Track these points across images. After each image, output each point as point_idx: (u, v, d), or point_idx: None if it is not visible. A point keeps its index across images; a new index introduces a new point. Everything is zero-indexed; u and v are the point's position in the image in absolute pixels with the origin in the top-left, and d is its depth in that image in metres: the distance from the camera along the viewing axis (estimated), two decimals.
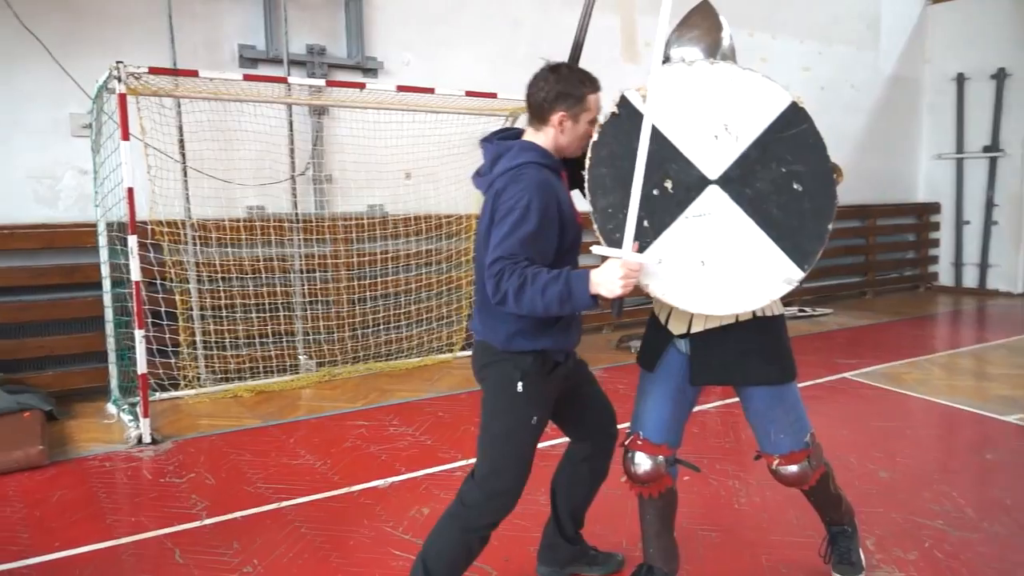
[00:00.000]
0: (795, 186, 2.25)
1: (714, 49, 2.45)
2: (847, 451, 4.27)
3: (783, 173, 2.25)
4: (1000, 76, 10.40)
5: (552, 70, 2.37)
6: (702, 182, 2.27)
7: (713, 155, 2.27)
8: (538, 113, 2.38)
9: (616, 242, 2.23)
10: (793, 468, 2.56)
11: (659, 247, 2.27)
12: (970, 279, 10.93)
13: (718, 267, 2.27)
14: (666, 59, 2.51)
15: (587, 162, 2.31)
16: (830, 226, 2.26)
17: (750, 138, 2.25)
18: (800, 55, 9.86)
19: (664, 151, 2.27)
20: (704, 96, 2.27)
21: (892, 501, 3.63)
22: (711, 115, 2.27)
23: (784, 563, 3.05)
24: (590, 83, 2.38)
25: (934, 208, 11.25)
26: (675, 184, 2.27)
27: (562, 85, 2.33)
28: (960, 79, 10.83)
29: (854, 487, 3.77)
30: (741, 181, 2.26)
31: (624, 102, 2.29)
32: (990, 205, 10.60)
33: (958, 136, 10.92)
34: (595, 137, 2.31)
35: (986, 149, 10.62)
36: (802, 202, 2.25)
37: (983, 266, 10.73)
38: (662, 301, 2.32)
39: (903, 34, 11.00)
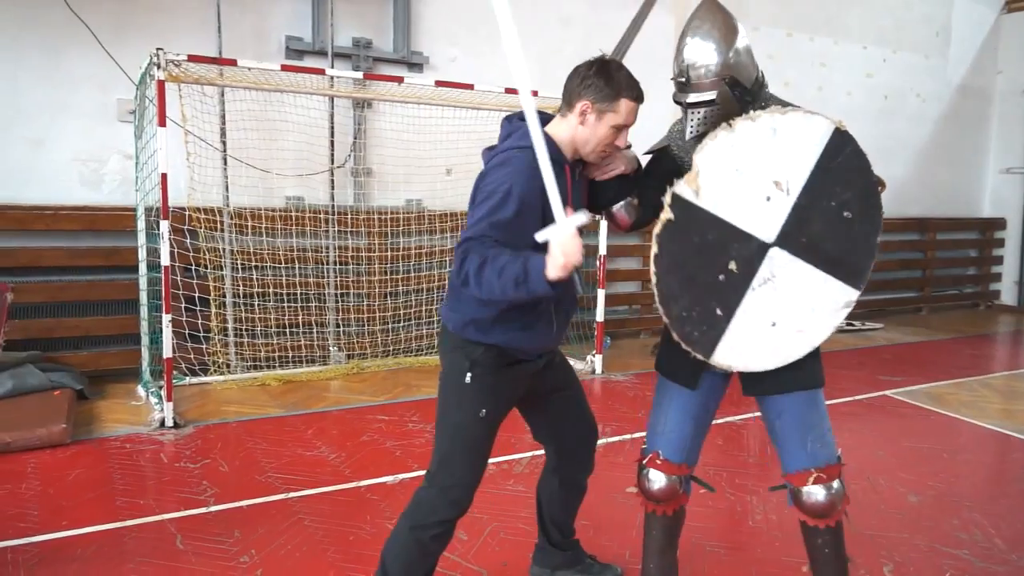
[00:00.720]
0: (845, 214, 2.19)
1: (734, 53, 2.24)
2: (877, 472, 4.09)
3: (833, 207, 2.19)
4: None
5: (601, 61, 2.24)
6: (762, 249, 2.19)
7: (767, 216, 2.18)
8: (567, 97, 2.27)
9: (695, 341, 2.21)
10: (822, 494, 2.33)
11: (734, 332, 2.22)
12: None
13: (787, 322, 2.23)
14: (686, 80, 2.29)
15: (652, 276, 2.22)
16: (878, 239, 2.21)
17: (800, 185, 2.17)
18: (863, 61, 9.51)
19: (724, 234, 2.18)
20: (750, 157, 2.16)
21: (917, 527, 3.44)
22: (759, 176, 2.17)
23: None
24: (630, 88, 2.22)
25: (999, 224, 10.75)
26: (738, 262, 2.19)
27: (600, 78, 2.20)
28: None
29: (879, 510, 3.62)
30: (797, 231, 2.18)
31: (677, 200, 2.17)
32: None
33: None
34: (655, 250, 2.20)
35: None
36: (852, 227, 2.21)
37: None
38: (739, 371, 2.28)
39: (974, 43, 10.52)
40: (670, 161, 2.50)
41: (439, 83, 5.73)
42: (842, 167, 2.17)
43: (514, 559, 3.02)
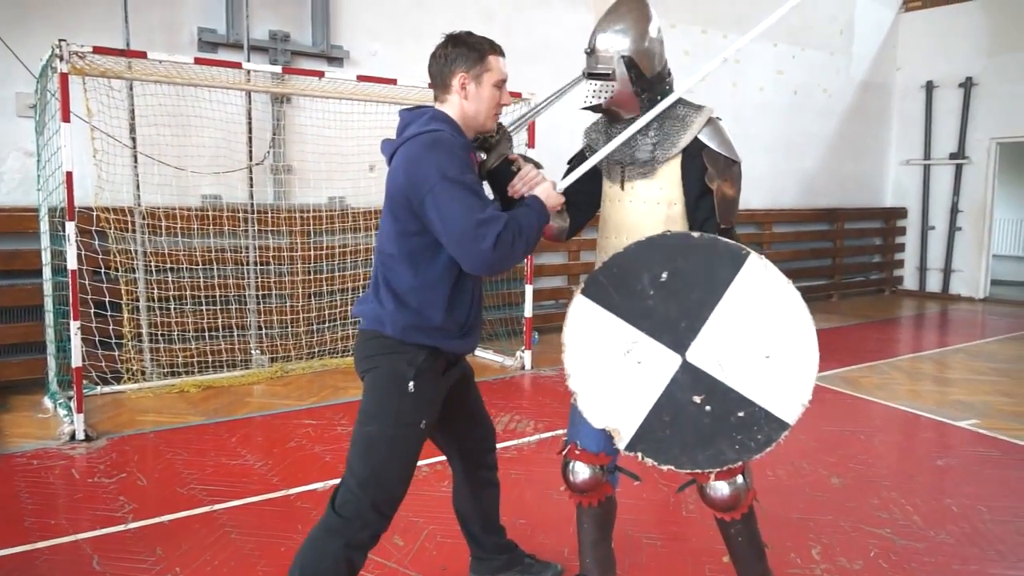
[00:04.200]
0: (663, 279, 2.19)
1: (641, 39, 2.38)
2: (799, 456, 4.23)
3: (659, 294, 2.20)
4: (967, 85, 10.48)
5: (451, 36, 2.27)
6: (688, 369, 2.19)
7: (655, 362, 2.22)
8: (440, 81, 2.27)
9: (766, 440, 2.17)
10: (726, 489, 2.37)
11: (768, 403, 2.15)
12: (934, 284, 11.04)
13: (770, 343, 2.15)
14: (591, 50, 2.41)
15: (701, 475, 2.31)
16: (697, 234, 2.21)
17: (628, 326, 2.23)
18: (774, 58, 9.83)
19: (663, 406, 2.21)
20: (599, 368, 2.26)
21: (841, 508, 3.59)
22: (616, 364, 2.25)
23: (729, 573, 2.95)
24: (491, 45, 2.27)
25: (901, 213, 11.32)
26: (695, 392, 2.18)
27: (460, 47, 2.23)
28: (929, 87, 10.90)
29: (805, 493, 3.74)
30: (675, 330, 2.19)
31: (630, 448, 2.27)
32: (955, 211, 10.70)
33: (926, 143, 10.99)
34: (666, 468, 2.25)
35: (952, 156, 10.71)
36: (683, 270, 2.19)
37: (947, 271, 10.85)
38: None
39: (876, 41, 11.03)
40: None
41: (361, 78, 5.60)
42: (618, 288, 2.23)
43: (453, 563, 2.98)
